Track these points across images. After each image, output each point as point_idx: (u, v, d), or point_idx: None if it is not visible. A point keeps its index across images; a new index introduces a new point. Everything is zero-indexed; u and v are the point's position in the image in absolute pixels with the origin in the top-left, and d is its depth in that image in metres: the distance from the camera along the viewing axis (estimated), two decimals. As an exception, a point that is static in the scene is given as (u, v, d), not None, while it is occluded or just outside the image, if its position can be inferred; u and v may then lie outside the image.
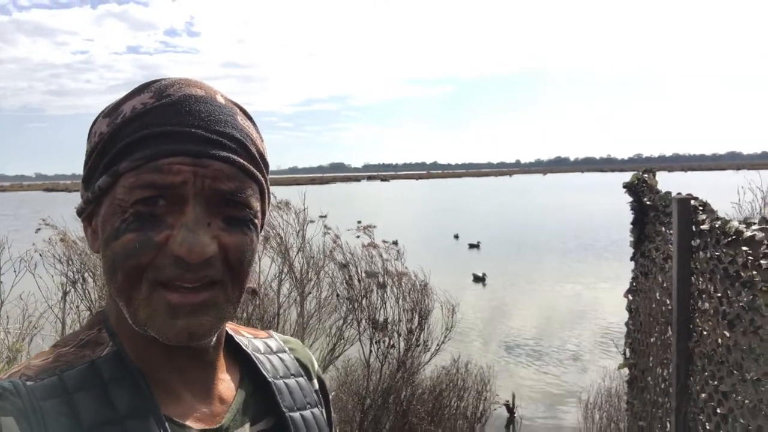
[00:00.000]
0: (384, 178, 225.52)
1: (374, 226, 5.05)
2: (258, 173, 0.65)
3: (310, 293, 4.52)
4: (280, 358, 0.80)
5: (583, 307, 14.97)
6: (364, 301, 4.44)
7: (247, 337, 0.79)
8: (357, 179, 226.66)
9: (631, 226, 4.37)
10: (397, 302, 4.59)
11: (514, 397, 9.12)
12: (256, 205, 0.65)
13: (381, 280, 4.65)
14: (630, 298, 4.47)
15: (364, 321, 4.44)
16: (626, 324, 4.47)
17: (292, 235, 4.78)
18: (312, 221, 5.34)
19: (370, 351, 4.36)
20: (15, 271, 3.65)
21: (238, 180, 0.62)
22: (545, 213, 44.39)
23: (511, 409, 8.97)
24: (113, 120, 0.64)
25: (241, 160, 0.63)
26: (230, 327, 0.78)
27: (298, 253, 4.72)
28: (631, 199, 4.38)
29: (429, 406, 4.21)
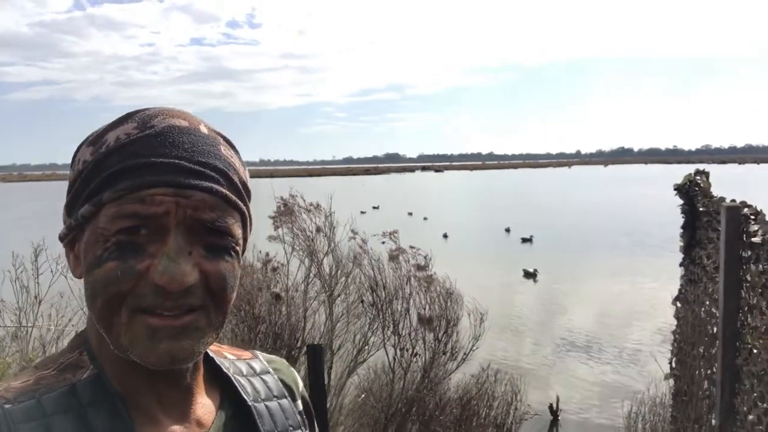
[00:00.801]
0: (438, 169, 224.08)
1: (396, 232, 4.94)
2: (239, 201, 0.67)
3: (339, 295, 4.48)
4: (263, 380, 0.80)
5: (638, 306, 14.40)
6: (388, 309, 4.36)
7: (230, 359, 0.79)
8: (411, 170, 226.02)
9: (681, 231, 4.15)
10: (424, 309, 4.48)
11: (558, 399, 8.89)
12: (238, 233, 0.66)
13: (406, 289, 4.55)
14: (678, 305, 4.25)
15: (389, 328, 4.36)
16: (673, 333, 4.25)
17: (321, 240, 4.76)
18: (334, 226, 5.18)
19: (394, 358, 4.28)
20: (51, 272, 3.81)
21: (220, 209, 0.64)
22: (602, 206, 42.94)
23: (555, 412, 8.76)
24: (97, 149, 0.65)
25: (223, 190, 0.64)
26: (213, 348, 0.78)
27: (326, 255, 4.69)
28: (681, 202, 4.15)
29: (456, 414, 4.11)
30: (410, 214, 40.23)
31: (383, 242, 5.19)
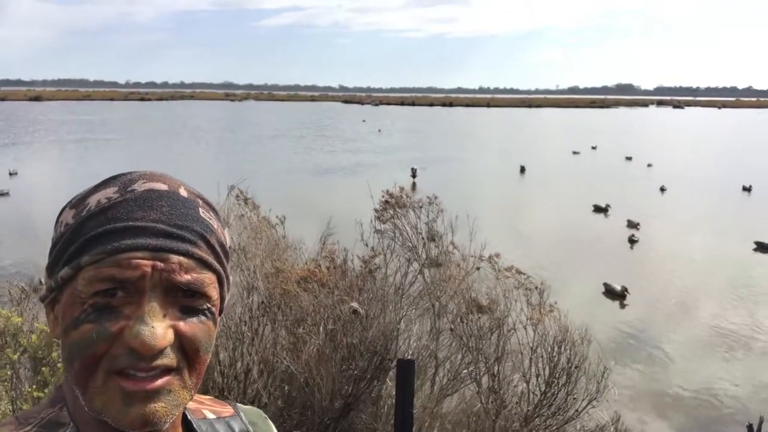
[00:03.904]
0: (678, 105, 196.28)
1: (498, 254, 3.95)
2: (216, 263, 0.68)
3: (445, 306, 3.87)
4: None
5: None
6: (479, 343, 3.61)
7: (209, 419, 0.79)
8: (645, 104, 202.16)
9: None
10: (533, 351, 3.60)
11: (762, 420, 7.42)
12: (214, 294, 0.67)
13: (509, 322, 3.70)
14: None
15: (480, 367, 3.62)
16: None
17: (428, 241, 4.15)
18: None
19: (481, 402, 3.59)
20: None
21: (196, 271, 0.65)
22: None
23: None
24: (79, 212, 0.66)
25: (200, 252, 0.66)
26: (192, 406, 0.78)
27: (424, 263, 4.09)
28: None
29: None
30: (629, 158, 36.24)
31: (478, 268, 4.15)
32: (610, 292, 12.29)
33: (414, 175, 26.65)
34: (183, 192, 0.69)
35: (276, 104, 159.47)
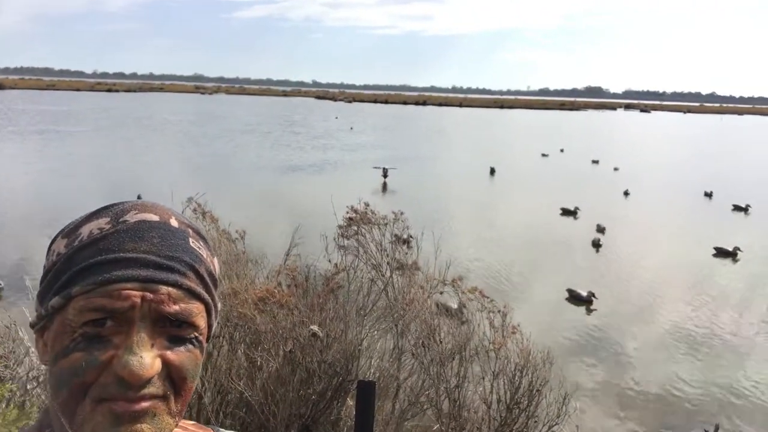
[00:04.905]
0: (645, 109, 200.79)
1: (462, 278, 3.91)
2: (204, 293, 0.69)
3: (408, 324, 3.78)
4: None
5: None
6: (440, 370, 3.53)
7: None
8: (613, 107, 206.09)
9: None
10: (494, 376, 3.53)
11: (717, 427, 7.59)
12: (202, 323, 0.69)
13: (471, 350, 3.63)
14: None
15: (441, 392, 3.54)
16: None
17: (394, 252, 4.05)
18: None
19: (440, 428, 3.51)
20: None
21: (184, 301, 0.67)
22: None
23: None
24: (71, 242, 0.68)
25: (189, 282, 0.67)
26: (176, 431, 0.76)
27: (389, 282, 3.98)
28: None
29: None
30: (596, 162, 36.83)
31: (441, 292, 4.06)
32: (575, 298, 12.44)
33: (385, 175, 26.58)
34: (174, 222, 0.70)
35: (247, 98, 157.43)
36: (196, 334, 0.68)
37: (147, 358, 0.63)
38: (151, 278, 0.64)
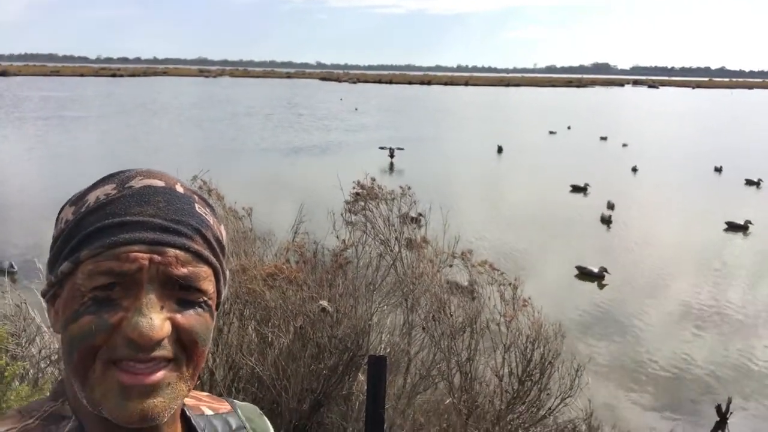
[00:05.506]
0: (653, 84, 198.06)
1: (471, 251, 3.84)
2: (212, 257, 0.69)
3: (419, 299, 3.75)
4: None
5: None
6: (451, 343, 3.50)
7: (206, 416, 0.81)
8: (620, 83, 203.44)
9: None
10: (506, 349, 3.50)
11: (729, 401, 7.57)
12: (210, 288, 0.69)
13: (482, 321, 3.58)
14: None
15: (452, 365, 3.52)
16: None
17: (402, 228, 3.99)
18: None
19: (453, 401, 3.51)
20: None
21: (192, 265, 0.66)
22: None
23: (723, 414, 7.50)
24: (78, 209, 0.68)
25: (196, 246, 0.67)
26: (190, 402, 0.80)
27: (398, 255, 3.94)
28: None
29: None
30: (604, 138, 36.45)
31: (450, 266, 3.99)
32: (586, 274, 12.38)
33: (392, 155, 26.43)
34: (179, 188, 0.70)
35: (252, 81, 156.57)
36: (205, 299, 0.68)
37: (156, 320, 0.63)
38: (158, 241, 0.65)
